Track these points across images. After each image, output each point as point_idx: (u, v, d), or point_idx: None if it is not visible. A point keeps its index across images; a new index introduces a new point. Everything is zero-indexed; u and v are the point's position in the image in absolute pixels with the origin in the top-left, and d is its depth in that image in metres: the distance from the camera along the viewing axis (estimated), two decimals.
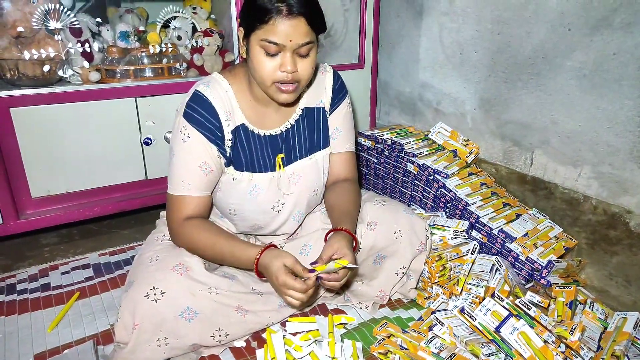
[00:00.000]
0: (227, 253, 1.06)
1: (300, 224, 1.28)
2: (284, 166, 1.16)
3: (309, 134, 1.20)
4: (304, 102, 1.18)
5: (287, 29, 0.93)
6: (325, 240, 1.11)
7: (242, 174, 1.12)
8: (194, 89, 1.07)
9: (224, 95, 1.08)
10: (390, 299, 1.31)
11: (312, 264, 1.02)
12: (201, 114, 1.05)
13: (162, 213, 1.30)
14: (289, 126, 1.16)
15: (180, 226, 1.08)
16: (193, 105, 1.05)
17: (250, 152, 1.12)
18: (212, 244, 1.06)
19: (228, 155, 1.10)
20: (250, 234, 1.30)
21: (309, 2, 0.96)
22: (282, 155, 1.16)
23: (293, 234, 1.29)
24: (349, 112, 1.25)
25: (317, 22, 0.98)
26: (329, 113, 1.22)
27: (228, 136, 1.09)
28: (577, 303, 1.22)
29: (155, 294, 0.98)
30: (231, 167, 1.12)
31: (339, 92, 1.22)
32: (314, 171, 1.21)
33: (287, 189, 1.18)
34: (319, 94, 1.20)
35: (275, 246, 1.06)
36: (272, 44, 0.95)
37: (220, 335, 1.06)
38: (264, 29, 0.94)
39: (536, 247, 1.34)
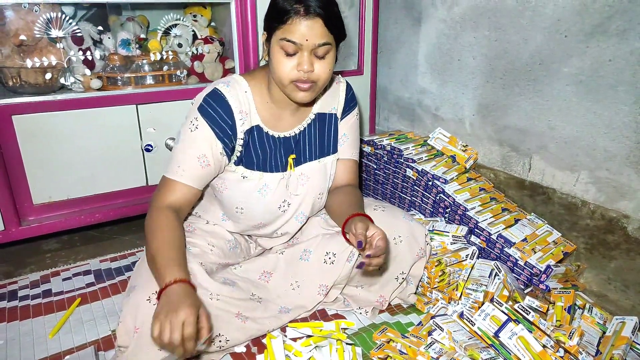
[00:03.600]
0: (161, 256, 0.98)
1: (302, 225, 1.30)
2: (294, 167, 1.19)
3: (320, 138, 1.23)
4: (317, 108, 1.22)
5: (303, 29, 0.97)
6: (344, 233, 1.12)
7: (253, 172, 1.15)
8: (214, 86, 1.09)
9: (242, 96, 1.10)
10: (389, 304, 1.32)
11: (358, 244, 1.01)
12: (216, 110, 1.07)
13: None
14: (302, 128, 1.20)
15: (159, 209, 1.07)
16: (209, 100, 1.08)
17: (263, 153, 1.15)
18: (165, 240, 1.01)
19: (239, 154, 1.12)
20: (252, 234, 1.31)
21: (327, 5, 0.99)
22: (293, 156, 1.19)
23: (292, 237, 1.30)
24: (356, 122, 1.29)
25: (334, 25, 1.01)
26: (339, 120, 1.25)
27: (240, 135, 1.11)
28: (576, 307, 1.22)
29: (157, 298, 0.98)
30: (240, 166, 1.14)
31: (350, 101, 1.26)
32: (321, 175, 1.23)
33: (295, 189, 1.20)
34: (332, 102, 1.23)
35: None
36: (290, 42, 0.98)
37: (220, 341, 1.07)
38: (282, 29, 0.98)
39: (535, 252, 1.34)
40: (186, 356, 0.90)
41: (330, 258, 1.22)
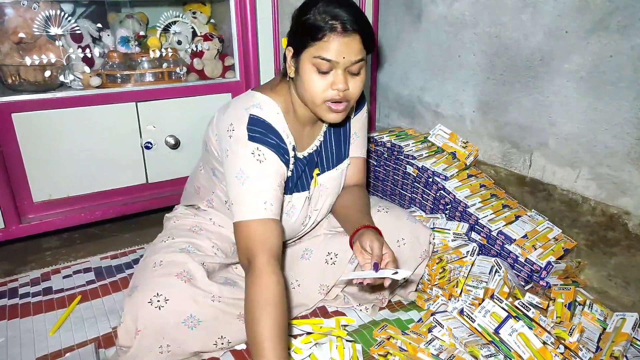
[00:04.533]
0: (270, 348, 0.86)
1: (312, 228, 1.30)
2: (317, 180, 1.18)
3: (337, 145, 1.21)
4: None
5: (340, 47, 0.93)
6: (351, 241, 1.11)
7: (285, 196, 1.11)
8: (248, 113, 1.01)
9: (276, 118, 1.04)
10: (390, 301, 1.32)
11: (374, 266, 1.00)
12: (269, 137, 1.01)
13: (168, 215, 1.30)
14: (321, 139, 1.17)
15: (265, 271, 0.92)
16: (257, 129, 1.00)
17: (296, 175, 1.12)
18: (274, 325, 0.88)
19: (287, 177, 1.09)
20: None
21: (363, 20, 0.96)
22: (317, 170, 1.17)
23: (300, 237, 1.30)
24: (366, 119, 1.28)
25: (369, 40, 0.98)
26: (351, 118, 1.24)
27: (292, 160, 1.08)
28: (576, 304, 1.22)
29: (158, 301, 0.98)
30: None
31: (360, 99, 1.23)
32: (337, 182, 1.22)
33: (316, 204, 1.19)
34: None
35: None
36: (325, 60, 0.94)
37: (222, 343, 1.07)
38: (316, 46, 0.94)
39: (535, 249, 1.34)
40: None
41: (332, 258, 1.21)
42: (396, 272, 0.99)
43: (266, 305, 0.88)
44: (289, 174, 1.08)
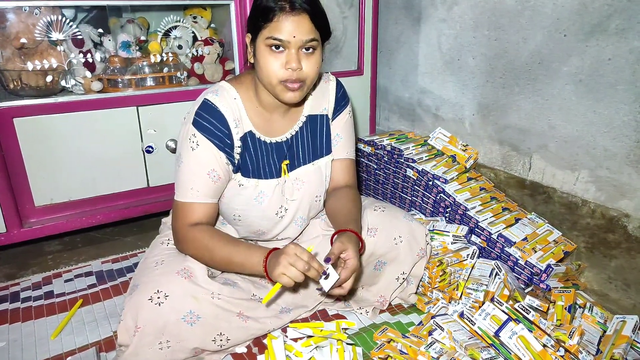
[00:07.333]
0: (236, 252, 1.05)
1: (303, 229, 1.29)
2: (288, 172, 1.18)
3: (312, 140, 1.22)
4: (307, 110, 1.20)
5: (290, 25, 0.96)
6: (332, 242, 1.12)
7: (249, 180, 1.13)
8: (203, 97, 1.08)
9: (233, 103, 1.09)
10: (390, 304, 1.32)
11: (325, 260, 1.02)
12: (210, 122, 1.06)
13: (165, 219, 1.32)
14: (293, 133, 1.18)
15: (187, 231, 1.08)
16: (202, 113, 1.06)
17: (257, 159, 1.14)
18: (222, 245, 1.06)
19: (237, 162, 1.11)
20: (252, 240, 1.31)
21: (312, 1, 0.98)
22: (287, 161, 1.18)
23: (295, 239, 1.30)
24: (350, 119, 1.27)
25: (319, 20, 1.00)
26: (331, 120, 1.23)
27: (237, 143, 1.10)
28: (577, 307, 1.22)
29: (159, 297, 0.99)
30: (239, 174, 1.13)
31: (341, 100, 1.24)
32: (317, 177, 1.22)
33: (291, 195, 1.19)
34: (323, 102, 1.22)
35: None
36: (277, 40, 0.97)
37: (221, 340, 1.07)
38: (268, 28, 0.97)
39: (535, 251, 1.34)
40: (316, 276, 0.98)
41: None
42: (327, 278, 1.00)
43: (210, 239, 1.06)
44: (237, 157, 1.11)
